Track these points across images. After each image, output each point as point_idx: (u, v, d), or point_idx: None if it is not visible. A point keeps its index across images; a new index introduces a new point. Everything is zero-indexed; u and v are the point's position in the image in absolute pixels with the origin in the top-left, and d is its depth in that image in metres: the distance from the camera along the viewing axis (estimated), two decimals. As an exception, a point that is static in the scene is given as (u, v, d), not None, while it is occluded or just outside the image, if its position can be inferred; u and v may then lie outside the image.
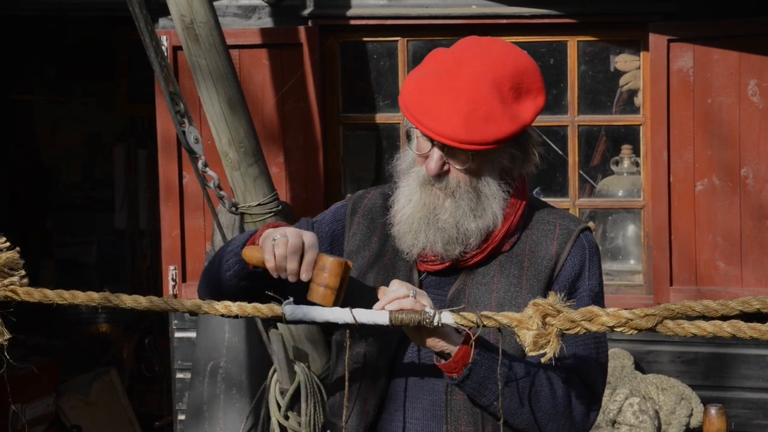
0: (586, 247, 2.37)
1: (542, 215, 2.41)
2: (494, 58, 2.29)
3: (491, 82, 2.25)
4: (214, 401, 4.90)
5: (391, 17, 5.39)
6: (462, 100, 2.22)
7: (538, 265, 2.34)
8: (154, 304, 2.15)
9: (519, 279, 2.34)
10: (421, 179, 2.31)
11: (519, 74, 2.30)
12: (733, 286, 5.16)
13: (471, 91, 2.23)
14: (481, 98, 2.23)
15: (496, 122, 2.23)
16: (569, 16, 5.29)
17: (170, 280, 5.47)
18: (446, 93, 2.23)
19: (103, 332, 8.05)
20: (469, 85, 2.24)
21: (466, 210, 2.29)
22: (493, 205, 2.31)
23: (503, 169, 2.33)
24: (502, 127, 2.23)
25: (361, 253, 2.45)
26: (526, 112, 2.28)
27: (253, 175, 4.45)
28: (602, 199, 5.49)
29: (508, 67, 2.29)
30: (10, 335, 2.21)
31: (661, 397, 5.04)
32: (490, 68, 2.27)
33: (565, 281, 2.34)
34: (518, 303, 2.31)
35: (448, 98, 2.23)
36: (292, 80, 5.33)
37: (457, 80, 2.25)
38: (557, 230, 2.38)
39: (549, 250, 2.35)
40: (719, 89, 5.15)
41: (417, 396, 2.34)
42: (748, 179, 5.16)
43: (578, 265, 2.36)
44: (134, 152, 8.18)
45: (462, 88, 2.23)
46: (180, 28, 4.30)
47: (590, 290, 2.36)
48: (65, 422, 6.93)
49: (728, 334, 1.89)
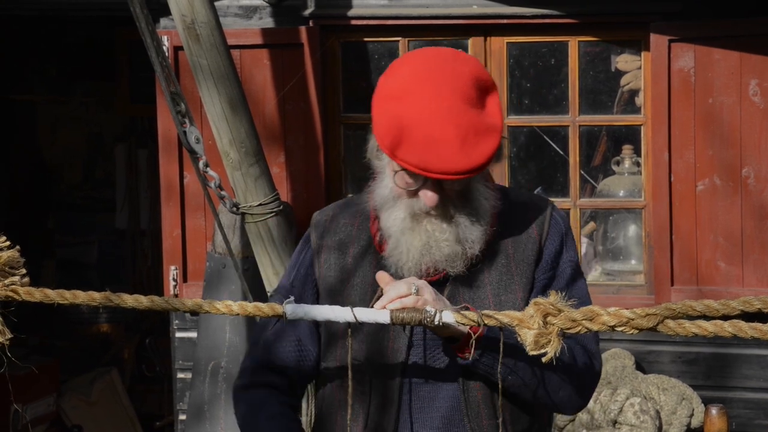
0: (560, 222, 2.42)
1: (512, 201, 2.43)
2: (447, 69, 2.22)
3: (462, 98, 2.19)
4: (215, 401, 4.90)
5: (392, 17, 5.39)
6: (449, 130, 2.17)
7: (523, 250, 2.37)
8: (155, 303, 2.15)
9: (508, 267, 2.36)
10: (414, 210, 2.27)
11: (475, 76, 2.24)
12: (735, 286, 5.16)
13: (452, 117, 2.17)
14: (464, 120, 2.18)
15: (485, 138, 2.20)
16: (570, 16, 5.29)
17: (171, 280, 5.47)
18: (431, 129, 2.16)
19: (104, 332, 8.05)
20: (446, 111, 2.17)
21: (467, 223, 2.28)
22: (485, 210, 2.31)
23: (484, 175, 2.33)
24: (490, 140, 2.20)
25: (338, 275, 2.42)
26: (496, 112, 2.25)
27: (254, 175, 4.45)
28: (603, 199, 5.49)
29: (466, 79, 2.22)
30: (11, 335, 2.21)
31: (662, 397, 5.04)
32: (453, 83, 2.20)
33: (549, 259, 2.38)
34: (513, 289, 2.34)
35: (436, 133, 2.16)
36: (293, 80, 5.33)
37: (433, 108, 2.18)
38: (530, 213, 2.41)
39: (530, 235, 2.38)
40: (720, 89, 5.15)
41: (432, 403, 2.34)
42: (749, 179, 5.15)
43: (557, 242, 2.40)
44: (135, 152, 8.19)
45: (444, 119, 2.17)
46: (181, 28, 4.30)
47: (570, 261, 2.41)
48: (66, 422, 6.93)
49: (729, 334, 1.89)
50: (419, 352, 2.34)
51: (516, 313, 2.01)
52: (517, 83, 5.48)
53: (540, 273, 2.37)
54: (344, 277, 2.42)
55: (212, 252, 5.02)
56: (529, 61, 5.48)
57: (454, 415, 2.33)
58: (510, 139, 5.47)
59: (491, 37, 5.42)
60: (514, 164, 5.51)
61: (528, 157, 5.53)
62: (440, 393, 2.33)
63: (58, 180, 8.54)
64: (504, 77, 5.43)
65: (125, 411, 7.32)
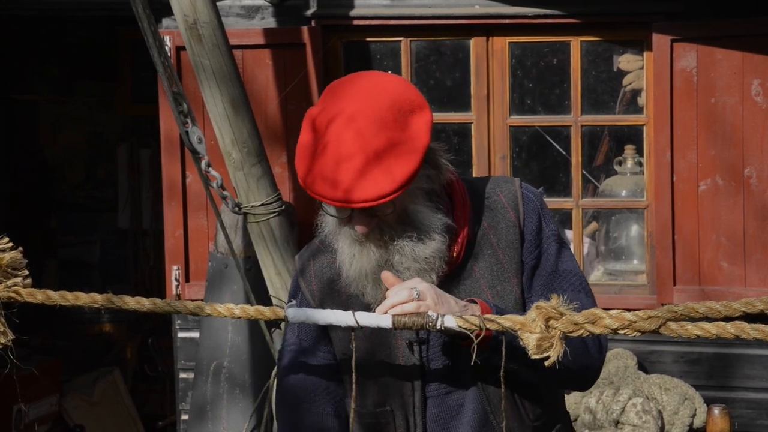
0: (533, 199, 2.43)
1: (480, 191, 2.42)
2: (363, 101, 2.21)
3: (375, 125, 2.18)
4: (218, 401, 4.90)
5: (394, 17, 5.39)
6: (357, 159, 2.16)
7: (506, 236, 2.38)
8: (157, 306, 2.15)
9: (495, 256, 2.37)
10: (354, 237, 2.28)
11: (395, 101, 2.22)
12: (737, 286, 5.15)
13: (362, 146, 2.16)
14: (375, 148, 2.16)
15: (400, 161, 2.17)
16: (572, 16, 5.29)
17: (173, 280, 5.47)
18: (341, 161, 2.17)
19: (106, 332, 8.05)
20: (357, 141, 2.17)
21: (414, 242, 2.26)
22: (434, 226, 2.28)
23: (426, 192, 2.30)
24: (408, 162, 2.18)
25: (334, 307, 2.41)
26: (421, 134, 2.22)
27: (257, 175, 4.44)
28: (605, 199, 5.49)
29: (382, 98, 2.21)
30: (13, 336, 2.21)
31: (665, 398, 5.04)
32: (367, 110, 2.19)
33: (531, 237, 2.39)
34: (506, 277, 2.36)
35: (345, 165, 2.16)
36: (296, 80, 5.33)
37: (344, 144, 2.17)
38: (502, 198, 2.41)
39: (508, 218, 2.39)
40: (722, 89, 5.15)
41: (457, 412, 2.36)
42: (751, 179, 5.15)
43: (536, 219, 2.41)
44: (137, 152, 8.19)
45: (353, 150, 2.16)
46: (183, 28, 4.29)
47: (552, 234, 2.42)
48: (68, 422, 6.94)
49: (731, 336, 1.89)
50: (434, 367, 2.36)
51: (518, 317, 2.01)
52: (519, 83, 5.47)
53: (527, 254, 2.39)
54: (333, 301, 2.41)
55: (214, 252, 5.02)
56: (531, 61, 5.47)
57: (480, 418, 2.35)
58: (512, 139, 5.47)
59: (493, 37, 5.41)
60: (516, 164, 5.50)
61: (530, 157, 5.52)
62: (463, 401, 2.36)
63: (60, 180, 8.54)
64: (506, 77, 5.42)
65: (127, 411, 7.32)
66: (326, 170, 2.19)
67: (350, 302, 2.37)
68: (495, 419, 2.34)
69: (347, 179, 2.17)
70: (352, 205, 2.19)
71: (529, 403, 2.39)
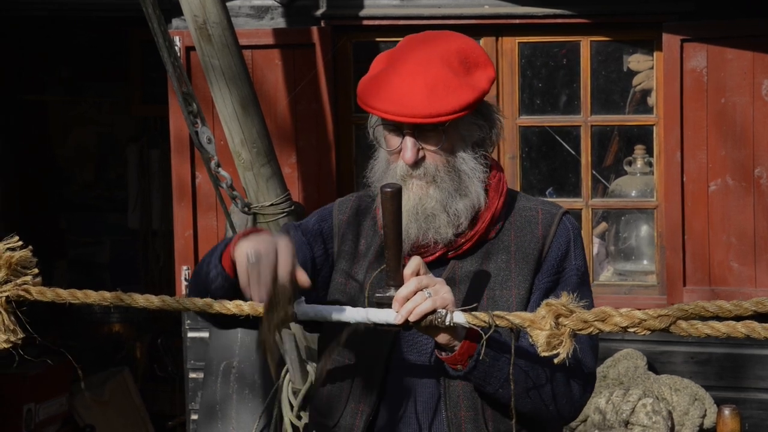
0: (569, 228, 2.42)
1: (522, 203, 2.46)
2: (436, 41, 2.37)
3: (440, 60, 2.31)
4: (227, 401, 4.90)
5: (403, 17, 5.39)
6: (418, 80, 2.28)
7: (526, 248, 2.37)
8: (166, 303, 2.15)
9: (508, 264, 2.36)
10: (399, 174, 2.33)
11: (463, 51, 2.36)
12: (747, 286, 5.14)
13: (424, 71, 2.29)
14: (435, 75, 2.29)
15: (456, 92, 2.28)
16: (582, 16, 5.28)
17: (183, 280, 5.48)
18: (402, 79, 2.29)
19: (116, 332, 8.06)
20: (420, 66, 2.30)
21: (451, 191, 2.32)
22: (475, 180, 2.35)
23: (475, 142, 2.38)
24: (463, 95, 2.28)
25: (352, 252, 2.47)
26: (480, 81, 2.33)
27: (266, 176, 4.45)
28: (615, 200, 5.48)
29: (451, 45, 2.35)
30: (23, 334, 2.21)
31: (675, 398, 5.03)
32: (435, 50, 2.34)
33: (553, 262, 2.37)
34: (509, 286, 2.35)
35: (405, 83, 2.29)
36: (305, 80, 5.33)
37: (408, 65, 2.31)
38: (540, 215, 2.42)
39: (535, 234, 2.39)
40: (733, 89, 5.14)
41: (414, 390, 2.35)
42: (761, 179, 5.14)
43: (564, 246, 2.39)
44: (147, 152, 8.20)
45: (415, 72, 2.30)
46: (193, 28, 4.30)
47: (577, 269, 2.39)
48: (78, 422, 6.94)
49: (742, 335, 1.89)
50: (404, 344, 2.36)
51: (527, 314, 2.00)
52: (528, 83, 5.47)
53: (542, 276, 2.37)
54: (355, 257, 2.46)
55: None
56: (541, 61, 5.47)
57: (432, 403, 2.34)
58: (521, 139, 5.46)
59: (503, 37, 5.41)
60: (525, 164, 5.50)
61: (540, 158, 5.52)
62: (421, 381, 2.35)
63: (70, 180, 8.56)
64: (516, 77, 5.42)
65: (137, 410, 7.33)
66: (385, 88, 2.31)
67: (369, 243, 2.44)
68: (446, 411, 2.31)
69: (405, 96, 2.27)
70: (407, 119, 2.26)
71: (492, 414, 2.33)
